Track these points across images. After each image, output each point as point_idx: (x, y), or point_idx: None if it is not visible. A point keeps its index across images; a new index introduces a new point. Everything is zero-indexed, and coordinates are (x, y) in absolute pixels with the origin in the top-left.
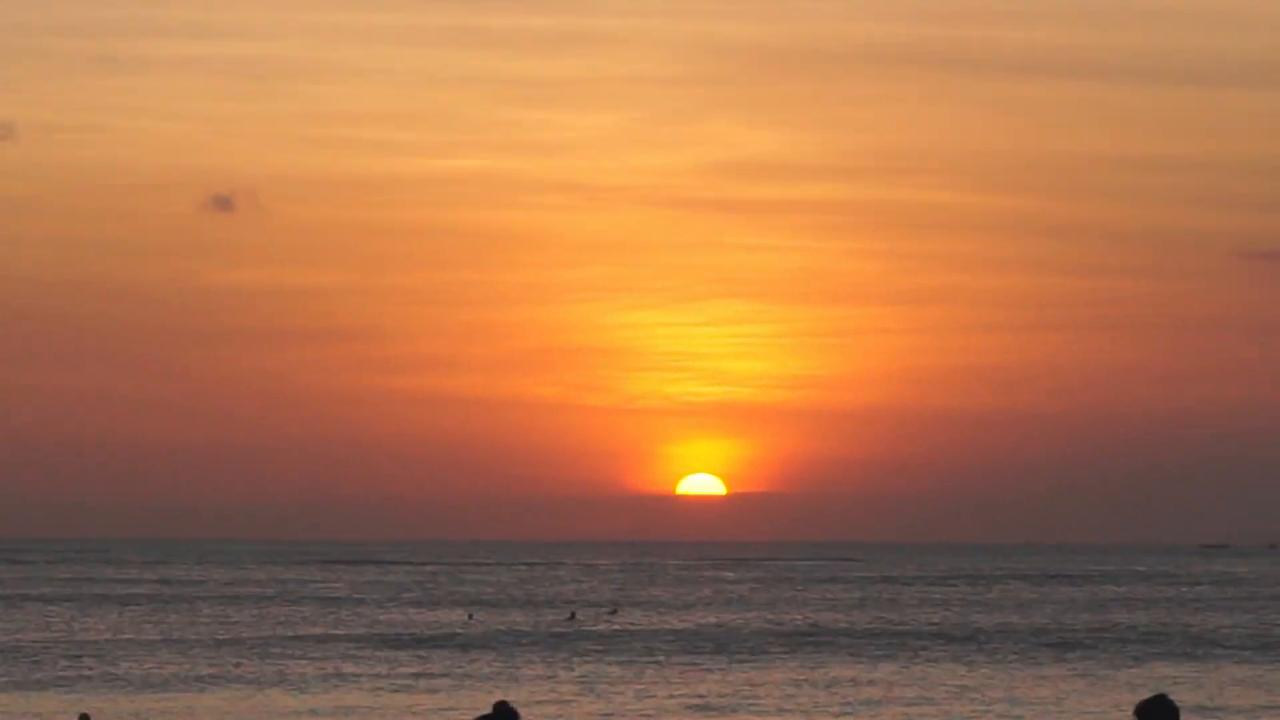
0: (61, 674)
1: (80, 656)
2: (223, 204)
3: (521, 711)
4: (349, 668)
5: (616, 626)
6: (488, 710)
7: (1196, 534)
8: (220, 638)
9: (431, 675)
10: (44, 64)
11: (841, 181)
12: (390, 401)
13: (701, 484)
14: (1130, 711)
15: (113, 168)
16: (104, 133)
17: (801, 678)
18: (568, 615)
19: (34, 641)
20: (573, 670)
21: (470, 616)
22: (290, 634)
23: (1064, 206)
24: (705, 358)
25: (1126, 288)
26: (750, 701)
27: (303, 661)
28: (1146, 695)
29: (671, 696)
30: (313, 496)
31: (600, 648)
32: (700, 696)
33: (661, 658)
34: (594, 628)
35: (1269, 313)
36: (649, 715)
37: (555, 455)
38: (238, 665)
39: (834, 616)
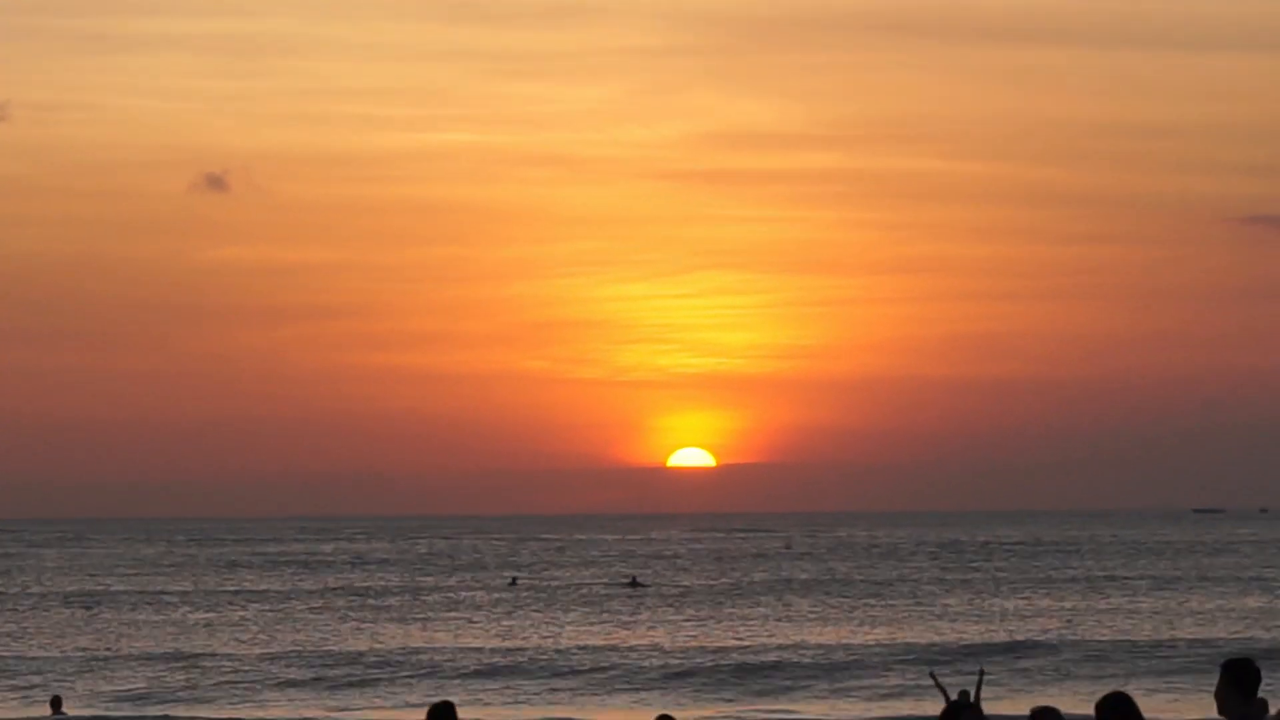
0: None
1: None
2: (214, 182)
3: None
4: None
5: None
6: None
7: (1188, 499)
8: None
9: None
10: (35, 43)
11: (830, 151)
12: (381, 378)
13: (692, 457)
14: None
15: (105, 146)
16: (96, 111)
17: None
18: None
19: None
20: None
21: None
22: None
23: (1053, 173)
24: (695, 329)
25: (1116, 254)
26: None
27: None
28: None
29: None
30: (303, 472)
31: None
32: None
33: None
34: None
35: (1258, 277)
36: None
37: (547, 429)
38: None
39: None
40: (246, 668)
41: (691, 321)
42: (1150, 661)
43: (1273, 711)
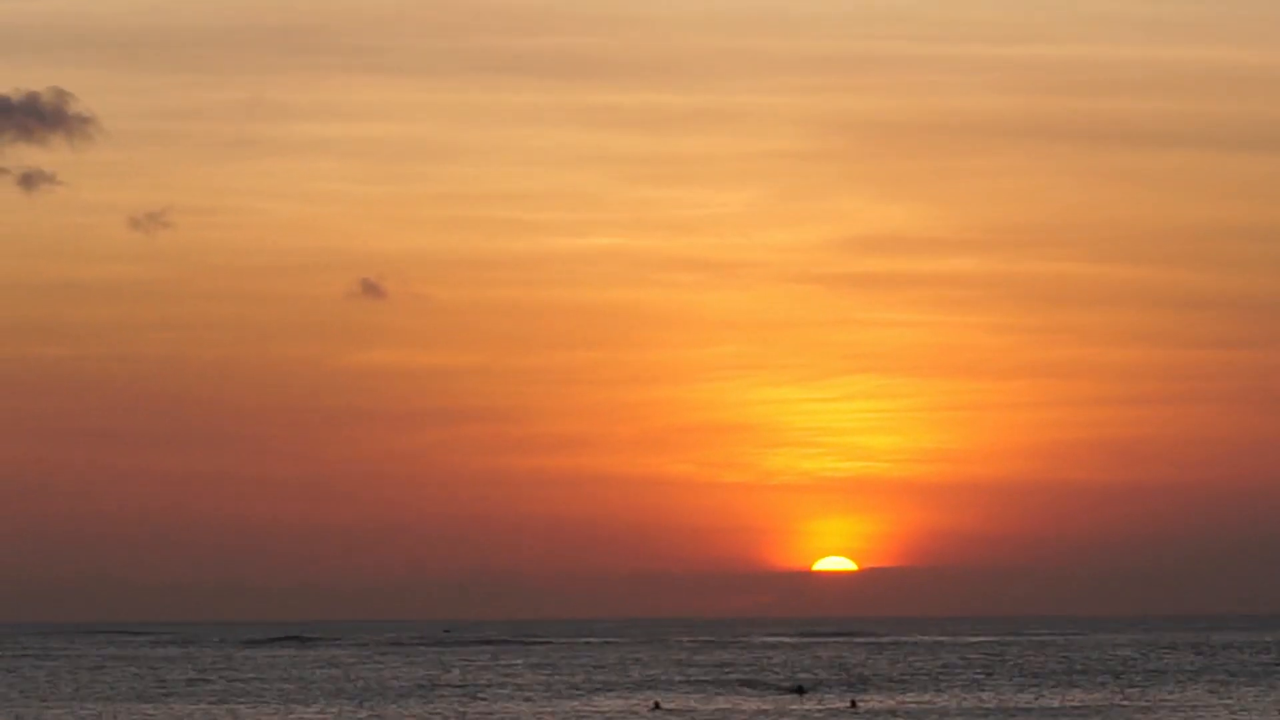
0: None
1: None
2: (366, 286)
3: None
4: None
5: None
6: None
7: None
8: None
9: None
10: (192, 149)
11: (970, 255)
12: (528, 482)
13: (836, 564)
14: None
15: (257, 251)
16: (250, 215)
17: None
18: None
19: None
20: None
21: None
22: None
23: (1192, 277)
24: (841, 433)
25: (1260, 358)
26: None
27: None
28: None
29: None
30: (447, 576)
31: None
32: None
33: None
34: None
35: None
36: None
37: (692, 532)
38: None
39: None
40: None
41: (837, 425)
42: None
43: None
